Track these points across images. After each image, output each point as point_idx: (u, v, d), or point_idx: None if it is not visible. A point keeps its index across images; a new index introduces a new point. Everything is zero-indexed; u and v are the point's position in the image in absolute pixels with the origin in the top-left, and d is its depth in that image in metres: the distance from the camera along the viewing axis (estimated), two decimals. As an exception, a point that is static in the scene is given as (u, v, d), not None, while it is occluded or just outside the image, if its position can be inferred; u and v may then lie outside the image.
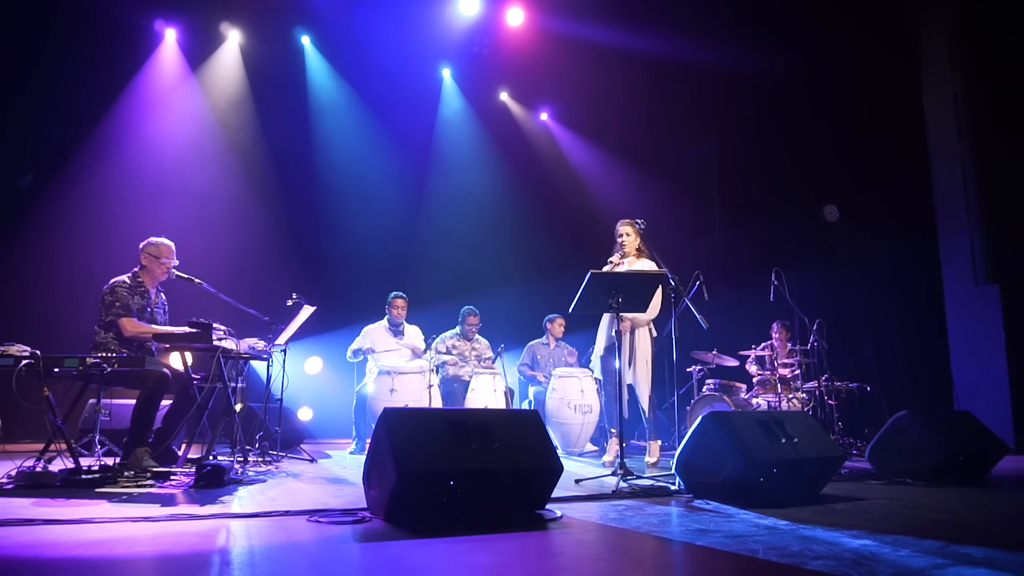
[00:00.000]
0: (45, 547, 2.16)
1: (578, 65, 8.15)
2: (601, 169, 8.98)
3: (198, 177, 7.21)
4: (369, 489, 2.82)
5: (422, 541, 2.27)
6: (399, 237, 8.14)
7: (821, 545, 2.23)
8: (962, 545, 2.25)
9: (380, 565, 1.97)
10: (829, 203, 8.12)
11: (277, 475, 4.05)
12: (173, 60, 7.42)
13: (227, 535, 2.35)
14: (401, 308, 6.22)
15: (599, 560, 2.10)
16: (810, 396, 6.01)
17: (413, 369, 5.67)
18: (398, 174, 8.32)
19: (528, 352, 6.73)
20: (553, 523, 2.63)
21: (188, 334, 3.87)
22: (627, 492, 3.37)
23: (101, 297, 4.05)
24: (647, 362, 4.78)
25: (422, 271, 7.90)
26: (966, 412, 4.44)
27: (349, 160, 8.07)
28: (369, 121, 8.17)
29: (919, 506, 3.09)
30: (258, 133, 7.71)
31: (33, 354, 3.47)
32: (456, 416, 2.91)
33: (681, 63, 7.93)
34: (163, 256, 4.25)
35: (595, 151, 9.08)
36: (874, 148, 7.70)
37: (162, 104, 7.25)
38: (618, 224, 4.95)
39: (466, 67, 8.68)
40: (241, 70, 7.72)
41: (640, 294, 3.99)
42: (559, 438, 5.74)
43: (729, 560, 2.08)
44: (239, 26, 7.66)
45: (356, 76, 8.16)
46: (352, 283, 7.67)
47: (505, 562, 2.07)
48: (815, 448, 3.38)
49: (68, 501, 2.94)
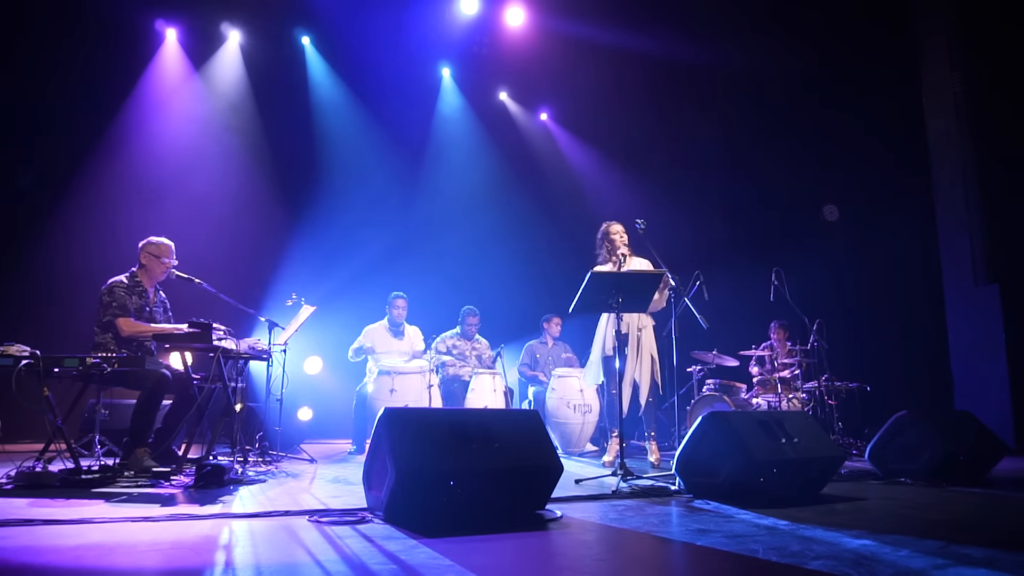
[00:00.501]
0: (45, 547, 2.16)
1: (577, 64, 8.15)
2: (601, 169, 8.97)
3: (198, 177, 7.21)
4: (369, 489, 2.82)
5: (422, 541, 2.26)
6: (399, 237, 8.13)
7: (821, 545, 2.23)
8: (962, 545, 2.25)
9: (380, 565, 1.97)
10: (829, 203, 8.12)
11: (277, 475, 4.05)
12: (173, 61, 7.42)
13: (227, 535, 2.35)
14: (402, 308, 6.23)
15: (599, 560, 2.10)
16: (810, 396, 6.01)
17: (413, 369, 5.67)
18: (398, 174, 8.32)
19: (527, 352, 6.74)
20: (553, 523, 2.62)
21: (188, 334, 3.87)
22: (627, 492, 3.37)
23: (99, 297, 4.05)
24: (653, 358, 4.77)
25: (422, 271, 7.90)
26: (966, 412, 4.44)
27: (349, 160, 8.07)
28: (369, 121, 8.16)
29: (919, 506, 3.09)
30: (258, 133, 7.71)
31: (33, 354, 3.47)
32: (456, 416, 2.91)
33: (681, 62, 7.93)
34: (163, 255, 4.25)
35: (595, 151, 9.08)
36: (874, 148, 7.70)
37: (162, 104, 7.25)
38: (608, 224, 4.84)
39: (466, 66, 8.67)
40: (242, 70, 7.72)
41: (640, 294, 3.99)
42: (559, 438, 5.74)
43: (729, 560, 2.08)
44: (239, 26, 7.66)
45: (356, 76, 8.15)
46: (352, 283, 7.67)
47: (505, 562, 2.07)
48: (815, 448, 3.38)
49: (68, 501, 2.94)
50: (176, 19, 7.37)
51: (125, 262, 4.33)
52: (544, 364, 6.65)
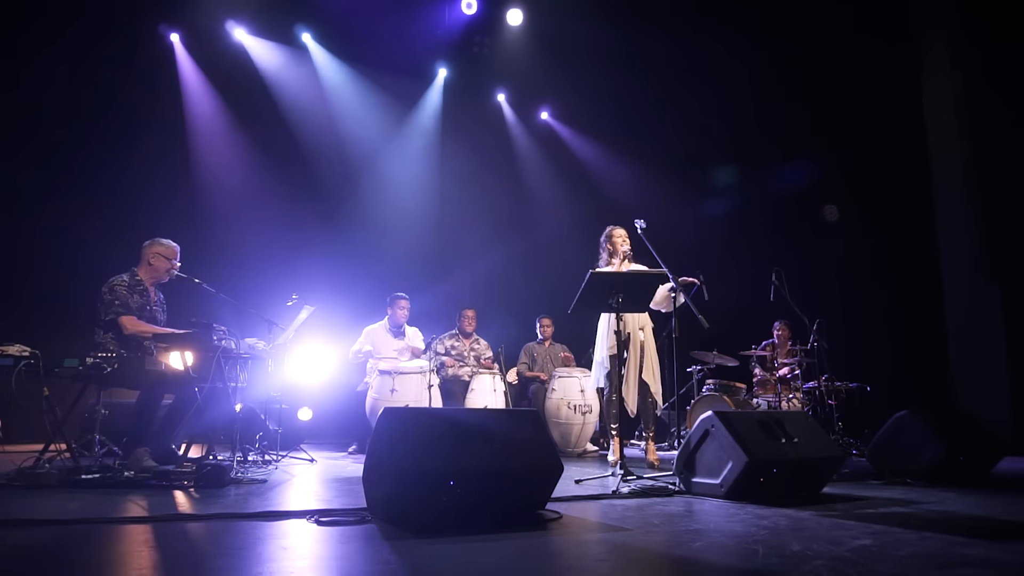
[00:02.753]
0: (45, 547, 2.16)
1: (576, 63, 8.15)
2: (601, 168, 8.97)
3: (199, 177, 7.21)
4: (369, 489, 2.82)
5: (422, 541, 2.27)
6: (399, 237, 8.14)
7: (821, 545, 2.23)
8: (962, 545, 2.25)
9: (380, 565, 1.97)
10: (829, 203, 8.12)
11: (277, 475, 4.05)
12: (173, 60, 7.42)
13: (227, 536, 2.35)
14: (404, 309, 6.23)
15: (599, 560, 2.10)
16: (810, 396, 6.02)
17: (413, 369, 5.67)
18: (399, 174, 8.32)
19: (526, 353, 6.75)
20: (553, 523, 2.62)
21: (188, 334, 3.87)
22: (627, 492, 3.37)
23: (100, 296, 4.04)
24: (655, 358, 4.79)
25: (422, 270, 7.90)
26: (966, 412, 4.44)
27: (349, 160, 8.07)
28: (369, 121, 8.16)
29: (919, 506, 3.09)
30: (259, 132, 7.72)
31: (33, 354, 3.47)
32: (456, 416, 2.91)
33: (680, 62, 7.92)
34: (170, 257, 4.28)
35: (594, 150, 9.07)
36: (875, 148, 7.70)
37: (162, 104, 7.24)
38: (612, 228, 4.88)
39: (466, 66, 8.66)
40: (242, 69, 7.72)
41: (640, 294, 3.99)
42: (559, 438, 5.74)
43: (729, 560, 2.08)
44: (240, 26, 7.66)
45: (355, 76, 8.15)
46: (352, 283, 7.67)
47: (505, 562, 2.07)
48: (815, 448, 3.38)
49: (68, 501, 2.94)
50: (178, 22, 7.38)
51: (126, 262, 4.33)
52: (542, 364, 6.66)
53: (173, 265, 4.29)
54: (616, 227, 4.89)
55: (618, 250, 4.76)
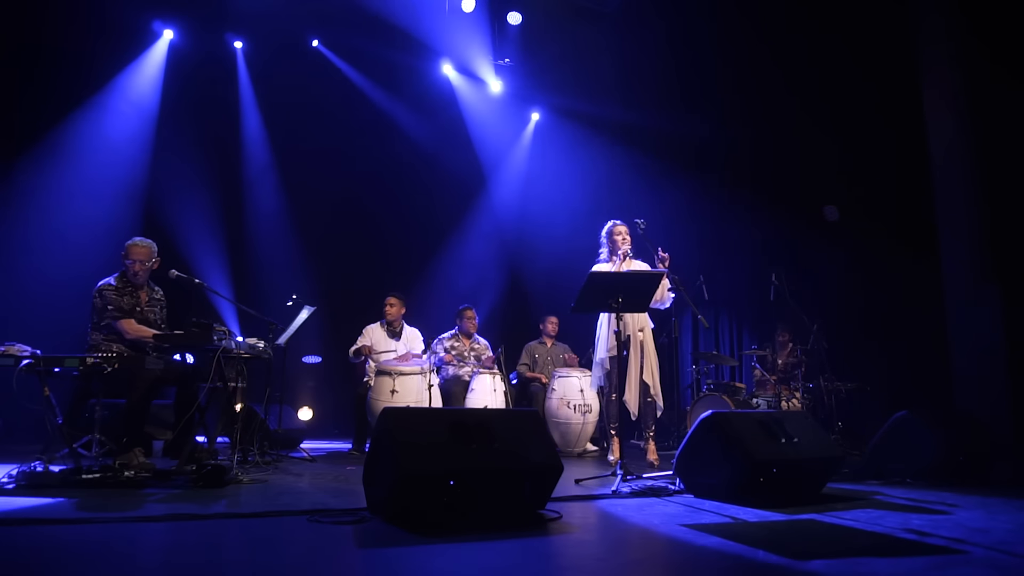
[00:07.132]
0: (45, 547, 2.16)
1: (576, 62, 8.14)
2: (600, 169, 8.96)
3: (199, 177, 7.20)
4: (369, 489, 2.82)
5: (422, 541, 2.27)
6: (399, 237, 8.14)
7: (821, 545, 2.23)
8: (961, 545, 2.25)
9: (380, 565, 1.98)
10: (829, 203, 8.11)
11: (277, 475, 4.05)
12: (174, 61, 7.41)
13: (227, 535, 2.35)
14: (393, 307, 6.18)
15: (599, 560, 2.10)
16: (810, 396, 6.02)
17: (413, 369, 5.67)
18: (398, 174, 8.32)
19: (527, 353, 6.73)
20: (553, 523, 2.63)
21: (188, 335, 3.87)
22: (627, 492, 3.37)
23: (91, 302, 4.06)
24: (655, 359, 4.80)
25: (422, 271, 7.90)
26: (966, 412, 4.45)
27: (349, 160, 8.07)
28: (369, 121, 8.16)
29: (919, 506, 3.09)
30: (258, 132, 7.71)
31: (33, 354, 3.47)
32: (456, 416, 2.91)
33: (681, 61, 7.91)
34: (143, 258, 4.20)
35: (595, 150, 9.06)
36: (874, 148, 7.70)
37: (163, 105, 7.24)
38: (614, 223, 4.89)
39: (465, 66, 8.65)
40: (242, 70, 7.72)
41: (640, 294, 3.99)
42: (559, 438, 5.74)
43: (729, 560, 2.08)
44: (241, 25, 7.65)
45: (355, 76, 8.15)
46: (352, 283, 7.67)
47: (505, 562, 2.07)
48: (815, 448, 3.38)
49: (68, 501, 2.94)
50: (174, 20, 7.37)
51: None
52: (543, 365, 6.64)
53: (147, 264, 4.23)
54: (618, 223, 4.89)
55: (618, 248, 4.77)
